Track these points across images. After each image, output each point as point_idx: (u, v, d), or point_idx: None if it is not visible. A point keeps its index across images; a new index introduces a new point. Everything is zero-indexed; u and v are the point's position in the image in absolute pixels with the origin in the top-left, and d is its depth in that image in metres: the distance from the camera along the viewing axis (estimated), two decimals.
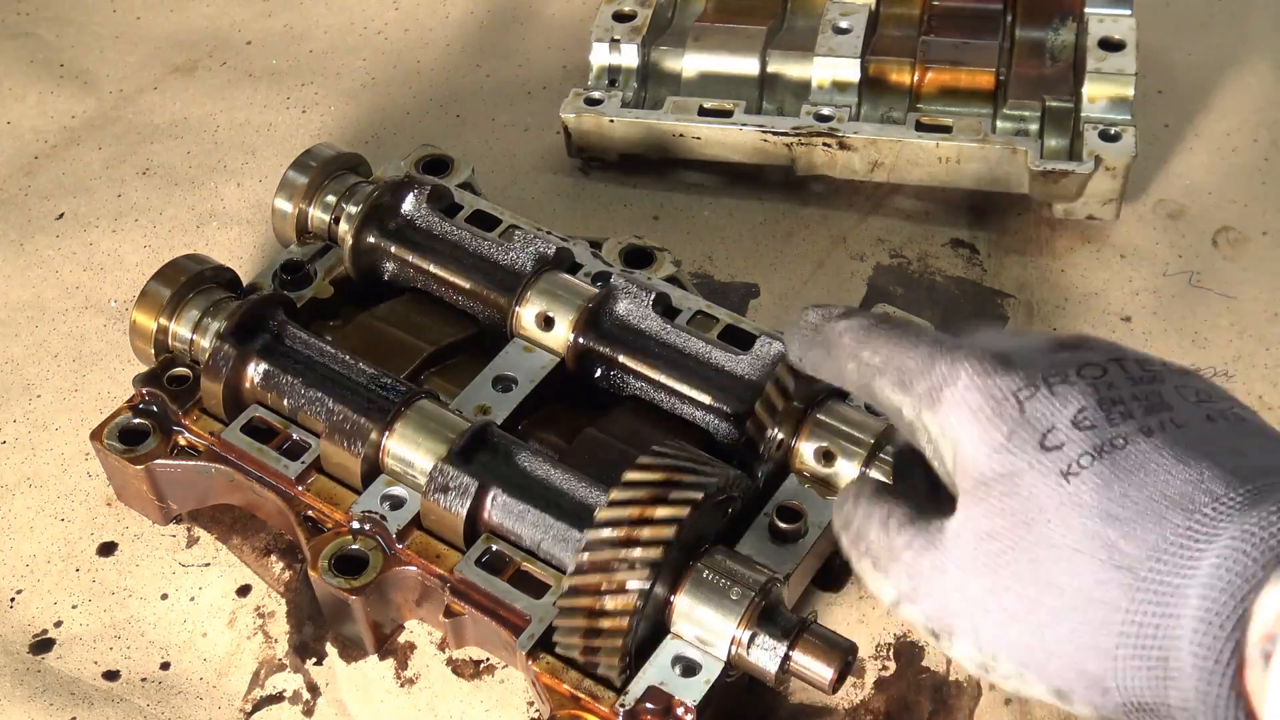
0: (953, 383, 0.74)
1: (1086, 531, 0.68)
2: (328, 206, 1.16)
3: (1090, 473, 0.69)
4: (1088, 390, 0.71)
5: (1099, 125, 1.23)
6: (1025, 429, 0.71)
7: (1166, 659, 0.65)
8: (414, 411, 1.01)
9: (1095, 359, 0.73)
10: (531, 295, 1.09)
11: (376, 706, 1.01)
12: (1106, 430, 0.70)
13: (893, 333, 0.79)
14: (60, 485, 1.14)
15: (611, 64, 1.34)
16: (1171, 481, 0.67)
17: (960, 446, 0.73)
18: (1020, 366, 0.73)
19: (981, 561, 0.71)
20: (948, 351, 0.76)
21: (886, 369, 0.78)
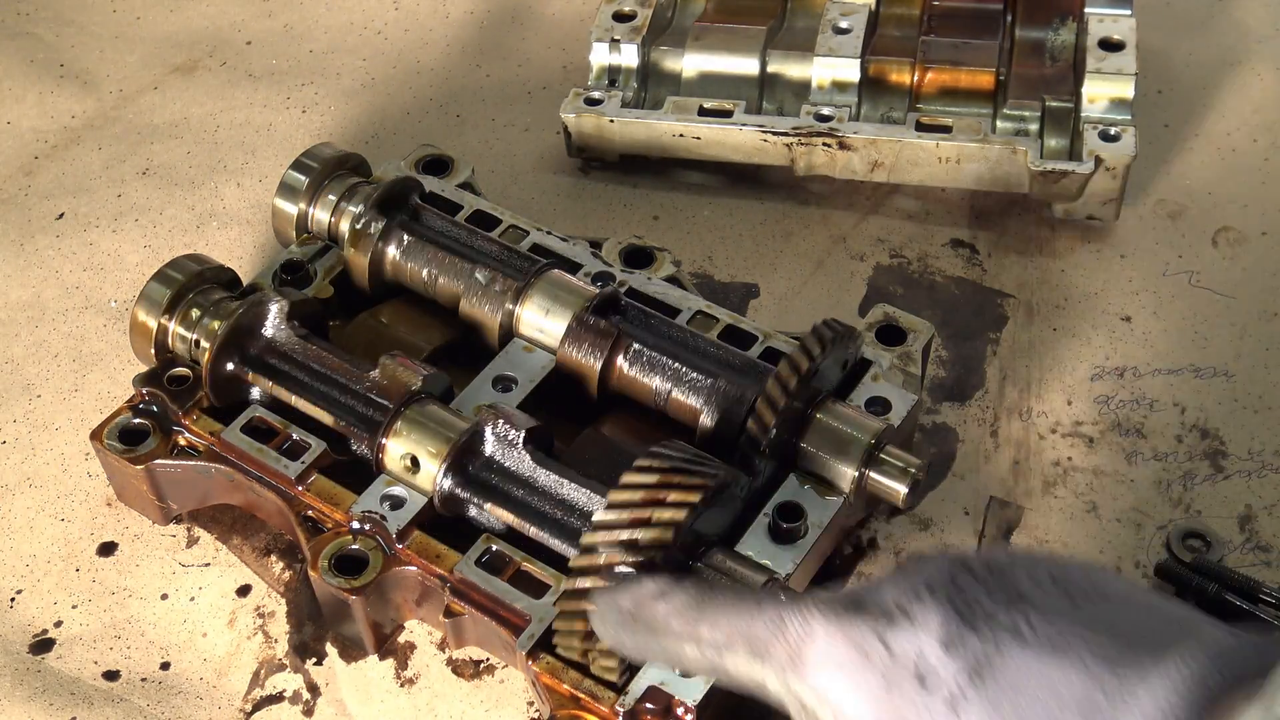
0: (809, 639, 0.70)
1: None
2: (328, 207, 1.16)
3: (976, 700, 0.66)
4: (943, 603, 0.69)
5: (1099, 125, 1.23)
6: (898, 670, 0.68)
7: None
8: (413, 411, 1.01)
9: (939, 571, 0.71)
10: (532, 295, 1.09)
11: (376, 706, 1.01)
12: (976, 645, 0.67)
13: (726, 601, 0.74)
14: (60, 485, 1.14)
15: (611, 64, 1.34)
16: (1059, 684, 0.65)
17: (841, 709, 0.70)
18: (869, 602, 0.71)
19: None
20: (795, 607, 0.72)
21: (734, 642, 0.73)
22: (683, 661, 0.76)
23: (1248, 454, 1.13)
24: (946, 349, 1.21)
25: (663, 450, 0.93)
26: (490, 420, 0.99)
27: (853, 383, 1.06)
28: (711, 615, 0.74)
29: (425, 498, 1.00)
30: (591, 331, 1.06)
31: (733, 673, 0.73)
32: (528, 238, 1.16)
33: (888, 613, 0.69)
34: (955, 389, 1.18)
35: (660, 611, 0.75)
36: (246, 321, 1.05)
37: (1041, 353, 1.21)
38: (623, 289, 1.12)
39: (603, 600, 0.78)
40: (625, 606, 0.77)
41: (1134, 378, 1.18)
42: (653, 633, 0.75)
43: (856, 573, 1.07)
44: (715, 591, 0.76)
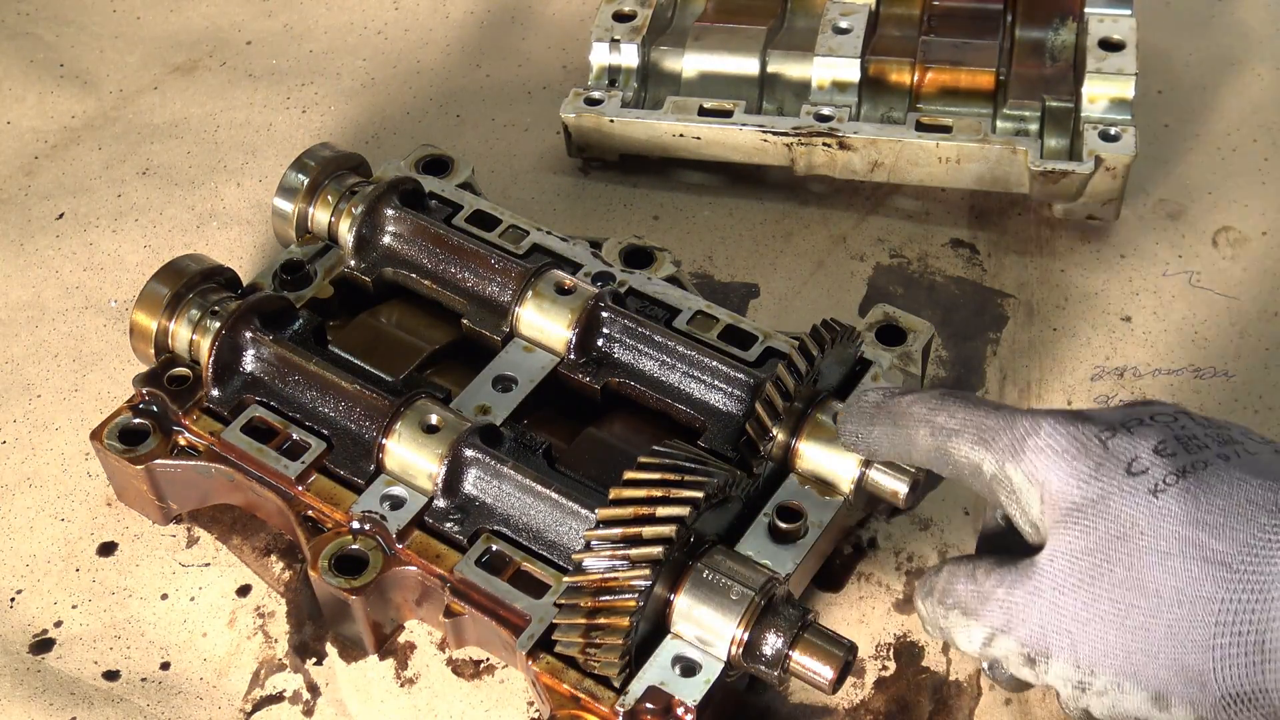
0: (1035, 433, 0.80)
1: (1178, 537, 0.74)
2: (328, 207, 1.16)
3: (1176, 489, 0.75)
4: (1164, 429, 0.78)
5: (1099, 125, 1.23)
6: (1111, 460, 0.77)
7: (1263, 642, 0.71)
8: (414, 411, 1.01)
9: (1165, 411, 0.80)
10: (532, 295, 1.09)
11: (376, 706, 1.01)
12: (1186, 456, 0.76)
13: (968, 399, 0.85)
14: (60, 485, 1.14)
15: (611, 64, 1.34)
16: (1254, 491, 0.74)
17: (1048, 485, 0.79)
18: (1098, 418, 0.80)
19: (1077, 577, 0.77)
20: (1027, 412, 0.82)
21: (964, 429, 0.84)
22: (914, 446, 0.87)
23: None
24: (946, 349, 1.21)
25: (663, 451, 0.93)
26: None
27: (853, 383, 1.06)
28: (950, 407, 0.85)
29: (425, 497, 1.00)
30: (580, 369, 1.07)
31: (955, 455, 0.84)
32: (528, 238, 1.16)
33: (1111, 426, 0.79)
34: (955, 389, 1.18)
35: (905, 402, 0.88)
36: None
37: (1041, 353, 1.21)
38: (623, 289, 1.12)
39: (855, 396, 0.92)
40: (874, 399, 0.90)
41: (1134, 378, 1.18)
42: (894, 420, 0.88)
43: (857, 573, 1.07)
44: (957, 392, 0.87)
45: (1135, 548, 0.75)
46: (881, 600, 1.05)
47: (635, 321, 1.08)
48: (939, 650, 1.02)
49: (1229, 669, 0.72)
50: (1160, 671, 0.74)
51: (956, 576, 0.84)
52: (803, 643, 0.90)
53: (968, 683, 1.01)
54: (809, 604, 1.04)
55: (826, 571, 1.06)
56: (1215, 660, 0.72)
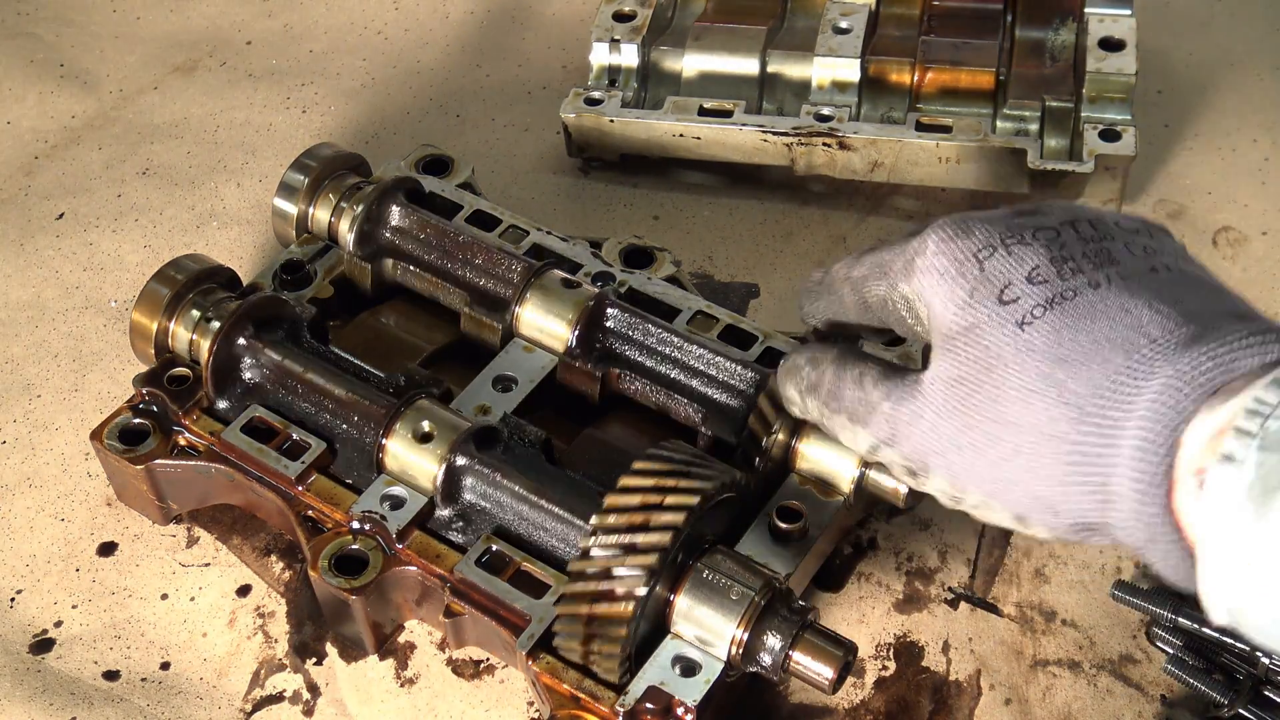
0: (922, 252, 0.82)
1: (1039, 374, 0.75)
2: (328, 207, 1.16)
3: (1042, 322, 0.76)
4: (1041, 250, 0.79)
5: (1099, 125, 1.23)
6: (985, 285, 0.79)
7: (1106, 483, 0.73)
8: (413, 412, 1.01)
9: (1050, 223, 0.81)
10: (532, 295, 1.09)
11: (376, 706, 1.01)
12: (1058, 284, 0.77)
13: (876, 245, 0.87)
14: (60, 485, 1.14)
15: (611, 64, 1.34)
16: (1114, 327, 0.75)
17: (932, 307, 0.81)
18: (980, 231, 0.81)
19: (952, 405, 0.79)
20: (917, 231, 0.84)
21: (871, 271, 0.86)
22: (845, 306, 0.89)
23: None
24: None
25: (662, 452, 0.93)
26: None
27: None
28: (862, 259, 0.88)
29: (425, 497, 1.00)
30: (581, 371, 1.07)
31: (868, 298, 0.87)
32: (528, 238, 1.16)
33: (991, 244, 0.80)
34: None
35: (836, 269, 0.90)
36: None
37: None
38: (623, 289, 1.12)
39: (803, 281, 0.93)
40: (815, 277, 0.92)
41: None
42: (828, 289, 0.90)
43: (857, 573, 1.07)
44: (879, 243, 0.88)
45: (1001, 380, 0.76)
46: (881, 600, 1.05)
47: (635, 321, 1.08)
48: (939, 650, 1.02)
49: (1076, 504, 0.74)
50: (1020, 498, 0.77)
51: (844, 380, 0.86)
52: (803, 643, 0.90)
53: (968, 683, 1.01)
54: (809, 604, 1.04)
55: (826, 571, 1.06)
56: (1065, 496, 0.74)
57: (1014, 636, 1.03)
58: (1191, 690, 0.97)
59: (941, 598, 1.05)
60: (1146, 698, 0.99)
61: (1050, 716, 0.99)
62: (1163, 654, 1.00)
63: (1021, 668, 1.01)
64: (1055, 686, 1.00)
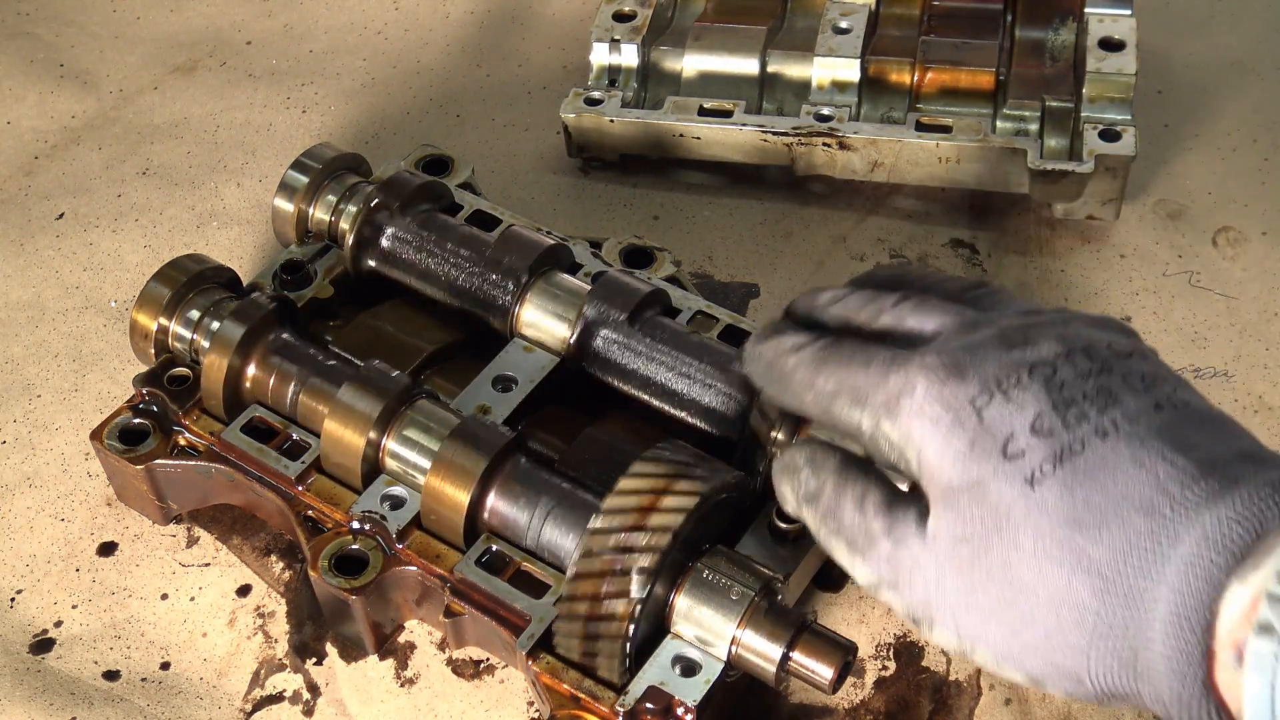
0: (909, 393, 0.77)
1: (1054, 537, 0.71)
2: (328, 207, 1.16)
3: (1053, 479, 0.72)
4: (1041, 394, 0.74)
5: (1099, 125, 1.23)
6: (986, 438, 0.74)
7: (1135, 656, 0.69)
8: (414, 411, 1.01)
9: (1045, 355, 0.76)
10: (532, 295, 1.09)
11: (376, 706, 1.01)
12: (1064, 435, 0.73)
13: (844, 355, 0.82)
14: (60, 485, 1.14)
15: (611, 64, 1.34)
16: (1130, 484, 0.71)
17: (924, 454, 0.76)
18: (974, 373, 0.76)
19: (957, 563, 0.74)
20: (900, 364, 0.78)
21: (841, 391, 0.81)
22: (804, 409, 0.84)
23: None
24: None
25: (661, 452, 0.93)
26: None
27: None
28: (827, 368, 0.82)
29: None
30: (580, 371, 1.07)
31: (838, 419, 0.81)
32: None
33: (987, 389, 0.75)
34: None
35: (790, 364, 0.84)
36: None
37: None
38: None
39: (750, 349, 0.88)
40: (767, 358, 0.86)
41: None
42: (783, 382, 0.85)
43: None
44: (838, 345, 0.83)
45: (1013, 542, 0.72)
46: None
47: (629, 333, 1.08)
48: (939, 650, 1.02)
49: (1103, 676, 0.71)
50: (1037, 664, 0.73)
51: (844, 500, 0.80)
52: (803, 643, 0.90)
53: (968, 683, 1.01)
54: (809, 604, 1.04)
55: (826, 571, 1.06)
56: (1090, 666, 0.71)
57: None
58: None
59: None
60: None
61: (1050, 716, 0.99)
62: None
63: None
64: None
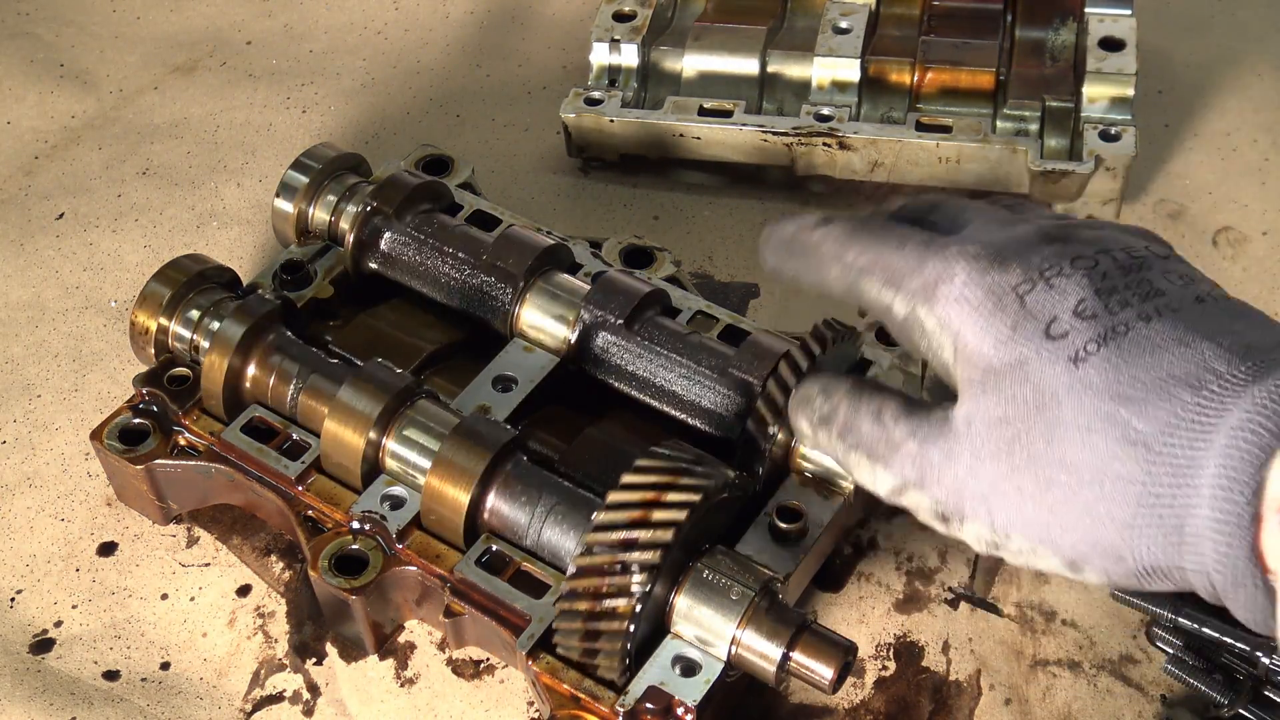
0: (949, 279, 0.77)
1: (1099, 412, 0.71)
2: (328, 207, 1.16)
3: (1098, 358, 0.72)
4: (1084, 282, 0.74)
5: (1099, 125, 1.23)
6: (1029, 320, 0.74)
7: (1182, 525, 0.69)
8: (414, 411, 1.01)
9: (1086, 251, 0.76)
10: (532, 295, 1.09)
11: (376, 706, 1.01)
12: (1107, 318, 0.73)
13: (875, 231, 0.82)
14: (60, 485, 1.14)
15: (611, 64, 1.34)
16: (1176, 362, 0.71)
17: (962, 338, 0.76)
18: (1016, 262, 0.76)
19: (995, 446, 0.74)
20: (938, 250, 0.78)
21: (874, 269, 0.80)
22: (828, 282, 0.83)
23: None
24: None
25: (662, 451, 0.93)
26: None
27: None
28: (859, 243, 0.81)
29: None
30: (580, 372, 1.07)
31: (866, 296, 0.81)
32: None
33: (1030, 277, 0.75)
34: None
35: (816, 236, 0.83)
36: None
37: None
38: None
39: (769, 229, 0.87)
40: (789, 233, 0.85)
41: None
42: (805, 255, 0.84)
43: (857, 573, 1.07)
44: (869, 221, 0.82)
45: (1055, 419, 0.72)
46: (881, 600, 1.05)
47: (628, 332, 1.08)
48: (939, 650, 1.02)
49: (1147, 548, 0.71)
50: (1078, 544, 0.73)
51: (860, 414, 0.80)
52: (803, 643, 0.90)
53: (968, 683, 1.01)
54: (809, 604, 1.04)
55: (826, 571, 1.06)
56: (1134, 539, 0.71)
57: (1014, 636, 1.03)
58: (1191, 690, 0.97)
59: (941, 598, 1.05)
60: (1146, 698, 0.99)
61: (1050, 716, 0.99)
62: (1163, 654, 1.00)
63: (1021, 668, 1.01)
64: (1055, 686, 1.00)
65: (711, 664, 0.91)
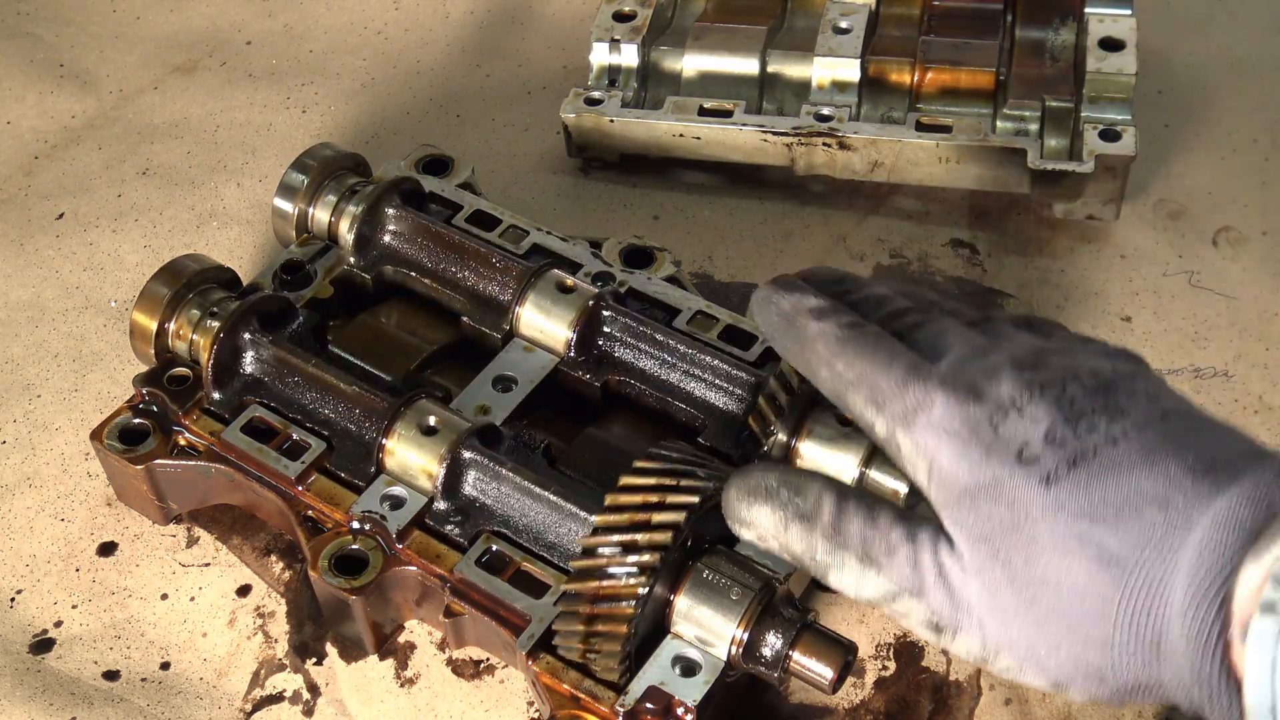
0: (928, 408, 0.79)
1: (1072, 531, 0.73)
2: (328, 207, 1.16)
3: (1069, 480, 0.74)
4: (1053, 409, 0.76)
5: (1099, 125, 1.23)
6: (1002, 446, 0.76)
7: (1159, 641, 0.71)
8: (413, 412, 1.01)
9: (1054, 378, 0.78)
10: (532, 295, 1.09)
11: (376, 706, 1.01)
12: (1076, 443, 0.75)
13: (866, 347, 0.83)
14: (60, 485, 1.14)
15: (611, 64, 1.34)
16: (1143, 481, 0.73)
17: (938, 463, 0.78)
18: (989, 394, 0.78)
19: (978, 564, 0.76)
20: (921, 378, 0.80)
21: (860, 385, 0.82)
22: (816, 379, 0.85)
23: None
24: None
25: (662, 451, 0.93)
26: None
27: None
28: (848, 354, 0.82)
29: (425, 497, 1.00)
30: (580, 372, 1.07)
31: (851, 408, 0.83)
32: (528, 238, 1.16)
33: (1003, 406, 0.77)
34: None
35: (812, 330, 0.85)
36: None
37: None
38: (623, 289, 1.12)
39: (767, 291, 0.88)
40: (784, 309, 0.86)
41: None
42: (799, 343, 0.85)
43: None
44: (862, 331, 0.84)
45: (1032, 539, 0.74)
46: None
47: (636, 321, 1.08)
48: (939, 650, 1.02)
49: (1126, 665, 0.73)
50: (1063, 664, 0.75)
51: (849, 514, 0.80)
52: (803, 643, 0.90)
53: (968, 683, 1.01)
54: (809, 604, 1.04)
55: None
56: (1114, 657, 0.73)
57: None
58: None
59: None
60: None
61: (1050, 717, 0.99)
62: None
63: None
64: None
65: (711, 664, 0.91)
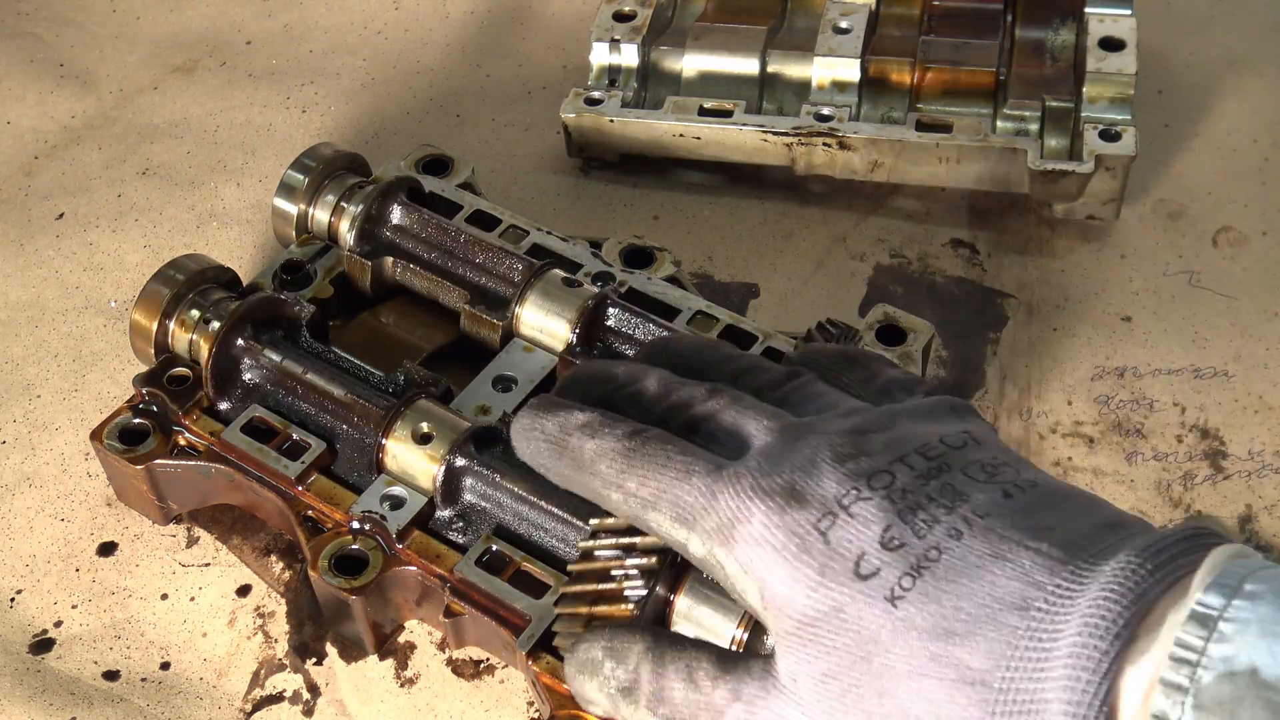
0: (746, 520, 0.71)
1: (928, 653, 0.65)
2: (328, 207, 1.16)
3: (915, 593, 0.66)
4: (885, 505, 0.69)
5: (1099, 125, 1.23)
6: (836, 560, 0.68)
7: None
8: (413, 413, 1.01)
9: (880, 465, 0.71)
10: (532, 295, 1.09)
11: (376, 706, 1.01)
12: (917, 544, 0.67)
13: (657, 458, 0.74)
14: (60, 485, 1.14)
15: (611, 64, 1.34)
16: (998, 581, 0.65)
17: (769, 587, 0.70)
18: (811, 495, 0.70)
19: (826, 704, 0.68)
20: (729, 483, 0.72)
21: (660, 502, 0.74)
22: (607, 503, 0.75)
23: (1248, 454, 1.13)
24: (946, 349, 1.21)
25: None
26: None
27: None
28: (638, 470, 0.73)
29: (425, 497, 1.00)
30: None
31: (656, 530, 0.74)
32: (528, 238, 1.17)
33: (829, 510, 0.69)
34: (955, 389, 1.18)
35: (589, 451, 0.75)
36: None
37: (1041, 353, 1.21)
38: (623, 289, 1.12)
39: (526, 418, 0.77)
40: (550, 432, 0.76)
41: (1134, 378, 1.18)
42: (577, 469, 0.75)
43: None
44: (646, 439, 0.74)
45: (884, 669, 0.66)
46: None
47: (635, 321, 1.08)
48: None
49: None
50: None
51: (667, 677, 0.73)
52: None
53: None
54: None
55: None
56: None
57: None
58: None
59: None
60: None
61: None
62: None
63: None
64: None
65: None
